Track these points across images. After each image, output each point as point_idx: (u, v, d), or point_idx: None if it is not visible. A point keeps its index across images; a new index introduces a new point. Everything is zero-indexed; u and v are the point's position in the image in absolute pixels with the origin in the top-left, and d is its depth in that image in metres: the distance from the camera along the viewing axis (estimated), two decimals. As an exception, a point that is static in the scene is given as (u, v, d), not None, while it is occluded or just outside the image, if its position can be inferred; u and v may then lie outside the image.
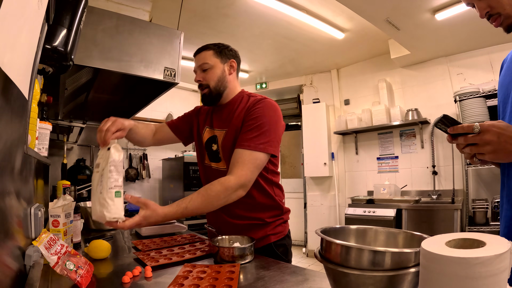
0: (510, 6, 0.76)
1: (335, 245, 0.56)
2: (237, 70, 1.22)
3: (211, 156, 1.22)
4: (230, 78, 1.19)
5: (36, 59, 0.73)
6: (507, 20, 0.78)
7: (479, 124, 0.67)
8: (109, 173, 0.84)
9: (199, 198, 1.00)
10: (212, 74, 1.15)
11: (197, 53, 1.20)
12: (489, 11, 0.80)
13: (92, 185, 0.88)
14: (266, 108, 1.11)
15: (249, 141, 1.05)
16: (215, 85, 1.16)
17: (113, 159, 0.85)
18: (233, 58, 1.20)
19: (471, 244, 0.42)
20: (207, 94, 1.17)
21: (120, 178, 0.86)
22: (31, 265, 0.65)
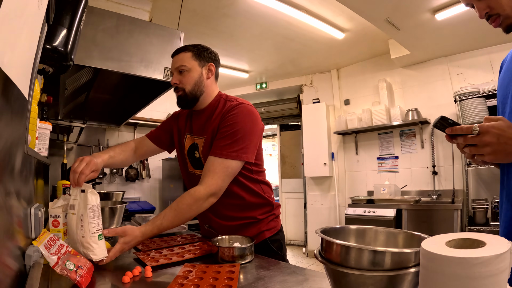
0: (509, 6, 0.77)
1: (335, 245, 0.56)
2: (215, 73, 1.20)
3: (195, 163, 1.21)
4: (208, 82, 1.16)
5: (36, 59, 0.73)
6: (507, 20, 0.78)
7: (478, 126, 0.67)
8: (90, 219, 0.87)
9: (171, 212, 1.01)
10: (189, 78, 1.12)
11: (175, 54, 1.16)
12: (488, 11, 0.80)
13: (69, 227, 0.91)
14: (240, 114, 1.09)
15: (222, 149, 1.05)
16: (191, 89, 1.13)
17: (91, 205, 0.88)
18: (212, 62, 1.17)
19: (471, 244, 0.42)
20: (182, 96, 1.14)
21: (100, 221, 0.90)
22: (31, 265, 0.65)
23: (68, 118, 2.52)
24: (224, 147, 1.05)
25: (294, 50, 3.61)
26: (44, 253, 0.69)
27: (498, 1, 0.76)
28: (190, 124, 1.23)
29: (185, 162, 1.25)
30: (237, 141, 1.06)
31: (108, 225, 1.61)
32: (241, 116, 1.09)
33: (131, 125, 3.98)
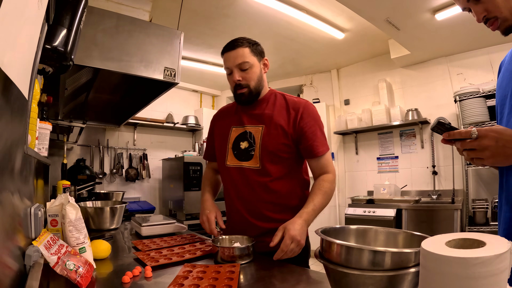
0: (506, 9, 0.76)
1: (335, 245, 0.56)
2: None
3: (239, 154, 1.17)
4: (265, 76, 1.19)
5: (36, 59, 0.73)
6: (505, 23, 0.79)
7: (477, 130, 0.67)
8: (69, 232, 0.87)
9: (319, 196, 1.08)
10: (253, 74, 1.12)
11: (230, 49, 1.14)
12: (486, 15, 0.80)
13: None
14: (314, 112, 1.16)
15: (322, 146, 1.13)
16: (255, 85, 1.13)
17: (69, 220, 0.88)
18: (265, 56, 1.19)
19: (471, 244, 0.42)
20: (246, 94, 1.13)
21: (80, 234, 0.90)
22: (31, 265, 0.65)
23: (68, 118, 2.52)
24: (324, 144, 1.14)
25: (294, 50, 3.61)
26: (44, 253, 0.69)
27: (495, 4, 0.76)
28: (239, 118, 1.21)
29: (224, 156, 1.21)
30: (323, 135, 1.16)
31: (109, 225, 1.61)
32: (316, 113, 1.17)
33: (131, 125, 3.98)
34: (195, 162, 3.43)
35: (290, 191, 1.15)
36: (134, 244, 1.22)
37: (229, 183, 1.21)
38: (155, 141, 4.30)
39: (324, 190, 1.09)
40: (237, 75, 1.11)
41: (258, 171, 1.12)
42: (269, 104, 1.17)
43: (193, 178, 3.38)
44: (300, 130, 1.11)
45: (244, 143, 1.16)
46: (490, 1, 0.77)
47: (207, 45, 3.44)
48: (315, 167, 1.15)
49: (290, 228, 0.95)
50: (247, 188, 1.15)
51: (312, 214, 1.04)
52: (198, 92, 4.90)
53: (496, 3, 0.77)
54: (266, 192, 1.12)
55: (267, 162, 1.12)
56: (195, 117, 4.47)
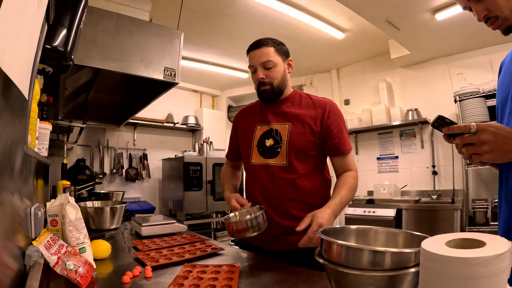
0: (507, 8, 0.76)
1: (335, 245, 0.56)
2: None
3: (265, 152, 1.18)
4: (288, 76, 1.22)
5: (36, 59, 0.73)
6: (505, 22, 0.79)
7: (476, 124, 0.67)
8: (69, 232, 0.88)
9: (346, 190, 1.09)
10: (276, 73, 1.15)
11: (255, 48, 1.17)
12: (486, 14, 0.80)
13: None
14: (339, 111, 1.20)
15: (348, 144, 1.18)
16: (278, 84, 1.15)
17: (69, 220, 0.88)
18: (289, 56, 1.22)
19: (471, 244, 0.42)
20: (268, 91, 1.15)
21: (80, 234, 0.90)
22: (31, 265, 0.65)
23: (68, 118, 2.52)
24: (347, 143, 1.18)
25: (294, 50, 3.59)
26: (44, 253, 0.69)
27: (496, 3, 0.76)
28: (264, 115, 1.23)
29: (249, 154, 1.22)
30: (347, 134, 1.20)
31: (109, 225, 1.61)
32: (340, 112, 1.21)
33: (131, 125, 3.98)
34: (195, 162, 3.43)
35: (314, 189, 1.16)
36: (134, 244, 1.22)
37: (254, 181, 1.21)
38: (155, 141, 4.30)
39: (350, 185, 1.10)
40: (260, 73, 1.14)
41: (285, 168, 1.13)
42: (295, 103, 1.20)
43: (193, 178, 3.38)
44: (327, 128, 1.14)
45: (269, 141, 1.18)
46: (491, 0, 0.77)
47: (207, 45, 3.44)
48: (339, 164, 1.18)
49: (318, 216, 0.94)
50: (272, 185, 1.15)
51: (339, 206, 1.04)
52: (198, 92, 4.90)
53: (497, 2, 0.76)
54: (292, 189, 1.13)
55: (294, 159, 1.13)
56: (195, 117, 4.47)
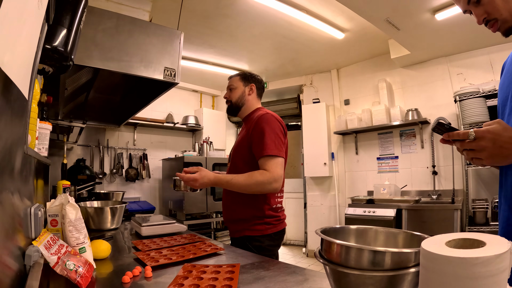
0: (506, 10, 0.77)
1: (335, 245, 0.56)
2: (257, 92, 1.53)
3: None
4: (249, 97, 1.52)
5: (36, 59, 0.73)
6: (505, 24, 0.80)
7: (474, 131, 0.67)
8: (69, 232, 0.88)
9: (242, 177, 1.29)
10: (235, 93, 1.51)
11: (230, 78, 1.57)
12: (486, 17, 0.82)
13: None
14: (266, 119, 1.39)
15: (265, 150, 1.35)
16: (235, 101, 1.52)
17: (69, 220, 0.88)
18: (254, 83, 1.53)
19: (471, 244, 0.42)
20: (228, 106, 1.54)
21: (80, 234, 0.90)
22: (31, 265, 0.65)
23: (68, 118, 2.52)
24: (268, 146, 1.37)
25: (294, 50, 3.61)
26: (44, 253, 0.69)
27: (495, 6, 0.77)
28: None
29: None
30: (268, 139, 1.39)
31: (109, 225, 1.61)
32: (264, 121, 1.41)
33: (131, 125, 3.98)
34: (195, 162, 3.43)
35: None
36: (134, 244, 1.22)
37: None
38: (155, 141, 4.30)
39: (251, 175, 1.28)
40: (226, 93, 1.55)
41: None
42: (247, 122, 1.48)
43: (193, 178, 3.37)
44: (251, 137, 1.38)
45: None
46: (490, 3, 0.78)
47: (207, 45, 3.45)
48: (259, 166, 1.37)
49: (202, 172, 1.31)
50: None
51: (225, 182, 1.31)
52: (198, 92, 4.90)
53: (495, 5, 0.77)
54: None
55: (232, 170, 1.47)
56: (195, 117, 4.47)
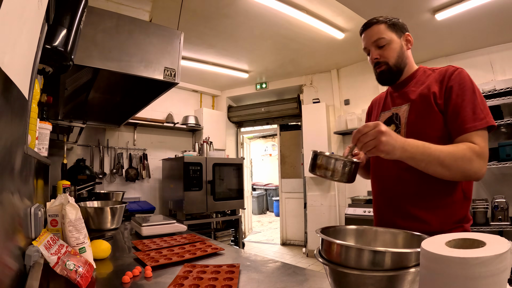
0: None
1: (335, 245, 0.56)
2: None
3: None
4: (408, 53, 1.07)
5: (36, 59, 0.73)
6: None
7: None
8: (69, 232, 0.88)
9: (446, 148, 0.86)
10: (391, 50, 1.03)
11: (366, 28, 1.07)
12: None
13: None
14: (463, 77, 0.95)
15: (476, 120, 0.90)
16: (395, 62, 1.03)
17: (69, 220, 0.88)
18: (407, 32, 1.07)
19: (471, 244, 0.42)
20: (385, 71, 1.04)
21: (80, 234, 0.91)
22: (31, 265, 0.65)
23: (68, 118, 2.52)
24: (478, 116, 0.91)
25: (294, 50, 3.60)
26: (44, 253, 0.69)
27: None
28: (385, 102, 1.14)
29: None
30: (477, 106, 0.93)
31: (109, 225, 1.61)
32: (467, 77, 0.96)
33: (131, 125, 3.98)
34: (195, 162, 3.43)
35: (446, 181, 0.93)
36: (134, 244, 1.22)
37: (374, 179, 1.13)
38: (155, 141, 4.30)
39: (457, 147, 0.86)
40: (374, 53, 1.05)
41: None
42: (417, 80, 1.04)
43: (193, 178, 3.38)
44: (447, 100, 0.94)
45: (391, 127, 1.05)
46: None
47: (207, 45, 3.44)
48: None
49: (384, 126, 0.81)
50: (392, 182, 1.02)
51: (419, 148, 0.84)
52: (198, 92, 4.90)
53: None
54: (417, 183, 0.95)
55: None
56: (195, 117, 4.47)
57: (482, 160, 0.86)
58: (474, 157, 0.85)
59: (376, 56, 1.04)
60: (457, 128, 0.91)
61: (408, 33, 1.06)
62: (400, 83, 1.08)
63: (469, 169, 0.86)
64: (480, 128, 0.88)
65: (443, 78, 0.96)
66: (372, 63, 1.07)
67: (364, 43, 1.08)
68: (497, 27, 2.72)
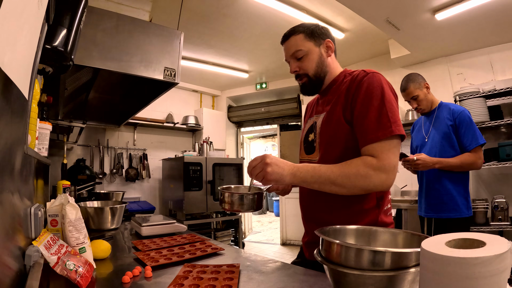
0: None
1: (335, 245, 0.56)
2: (334, 50, 1.06)
3: (307, 148, 1.08)
4: (329, 61, 1.04)
5: (36, 59, 0.73)
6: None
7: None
8: (69, 232, 0.88)
9: (338, 168, 0.85)
10: (309, 62, 1.02)
11: (284, 40, 1.06)
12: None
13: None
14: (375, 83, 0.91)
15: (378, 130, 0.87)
16: (314, 73, 1.02)
17: (69, 220, 0.88)
18: (328, 38, 1.04)
19: (471, 244, 0.42)
20: (306, 83, 1.04)
21: (80, 234, 0.90)
22: (31, 265, 0.65)
23: (68, 118, 2.53)
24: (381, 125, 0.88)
25: (294, 50, 3.60)
26: (44, 253, 0.69)
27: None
28: (313, 108, 1.14)
29: (301, 149, 1.14)
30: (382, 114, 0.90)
31: (110, 225, 1.61)
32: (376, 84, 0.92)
33: (131, 125, 3.99)
34: (195, 162, 3.43)
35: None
36: (134, 244, 1.22)
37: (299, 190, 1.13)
38: (155, 141, 4.30)
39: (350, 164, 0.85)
40: (293, 65, 1.04)
41: None
42: (336, 87, 1.03)
43: (193, 178, 3.38)
44: (352, 110, 0.92)
45: (311, 135, 1.07)
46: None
47: (207, 45, 3.45)
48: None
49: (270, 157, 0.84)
50: (304, 191, 1.06)
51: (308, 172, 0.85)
52: (198, 92, 4.90)
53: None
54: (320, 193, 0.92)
55: (325, 153, 0.97)
56: (195, 117, 4.48)
57: (383, 172, 0.84)
58: (371, 172, 0.84)
59: (295, 69, 1.04)
60: (361, 139, 0.89)
61: (328, 39, 1.04)
62: (324, 90, 1.07)
63: (368, 184, 0.84)
64: (383, 138, 0.85)
65: (351, 86, 0.95)
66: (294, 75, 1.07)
67: (284, 55, 1.08)
68: (497, 27, 2.73)
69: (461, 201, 1.79)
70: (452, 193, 1.80)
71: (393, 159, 0.86)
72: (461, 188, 1.82)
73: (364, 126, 0.88)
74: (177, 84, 1.74)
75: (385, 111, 0.87)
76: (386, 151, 0.85)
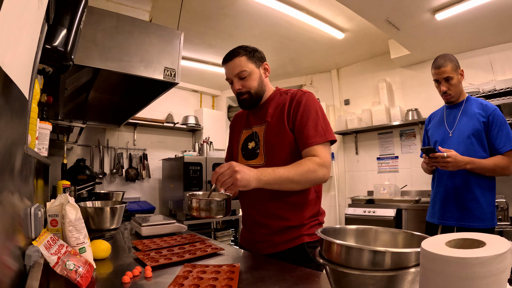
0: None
1: (335, 245, 0.56)
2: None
3: (246, 154, 1.23)
4: (266, 80, 1.24)
5: (36, 59, 0.73)
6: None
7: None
8: (69, 232, 0.88)
9: (292, 168, 1.02)
10: (252, 81, 1.17)
11: (227, 61, 1.18)
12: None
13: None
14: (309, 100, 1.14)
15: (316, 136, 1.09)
16: (256, 91, 1.19)
17: (69, 220, 0.88)
18: (265, 61, 1.24)
19: (471, 244, 0.42)
20: (247, 99, 1.19)
21: (80, 235, 0.91)
22: (31, 265, 0.65)
23: (68, 118, 2.53)
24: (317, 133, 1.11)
25: (294, 50, 3.60)
26: (44, 253, 0.69)
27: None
28: (247, 120, 1.28)
29: (236, 156, 1.29)
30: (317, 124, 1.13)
31: (109, 225, 1.61)
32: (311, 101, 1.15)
33: (131, 125, 3.98)
34: (195, 162, 3.43)
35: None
36: (134, 244, 1.22)
37: None
38: (155, 141, 4.30)
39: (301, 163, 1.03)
40: (237, 84, 1.18)
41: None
42: (273, 103, 1.21)
43: (193, 178, 3.38)
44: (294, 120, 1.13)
45: (251, 143, 1.22)
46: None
47: (207, 45, 3.44)
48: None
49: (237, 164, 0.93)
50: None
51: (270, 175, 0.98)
52: (198, 92, 4.90)
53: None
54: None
55: (271, 157, 1.14)
56: (195, 117, 4.47)
57: (324, 167, 1.05)
58: (317, 167, 1.03)
59: (239, 87, 1.17)
60: (302, 143, 1.09)
61: (266, 63, 1.23)
62: (260, 106, 1.24)
63: (315, 177, 1.04)
64: (321, 142, 1.08)
65: (292, 101, 1.15)
66: (235, 93, 1.21)
67: (226, 73, 1.21)
68: (497, 27, 2.73)
69: (489, 210, 1.57)
70: (480, 200, 1.56)
71: (329, 157, 1.09)
72: (490, 196, 1.60)
73: (305, 133, 1.09)
74: (177, 84, 1.74)
75: (320, 122, 1.10)
76: (324, 152, 1.08)
